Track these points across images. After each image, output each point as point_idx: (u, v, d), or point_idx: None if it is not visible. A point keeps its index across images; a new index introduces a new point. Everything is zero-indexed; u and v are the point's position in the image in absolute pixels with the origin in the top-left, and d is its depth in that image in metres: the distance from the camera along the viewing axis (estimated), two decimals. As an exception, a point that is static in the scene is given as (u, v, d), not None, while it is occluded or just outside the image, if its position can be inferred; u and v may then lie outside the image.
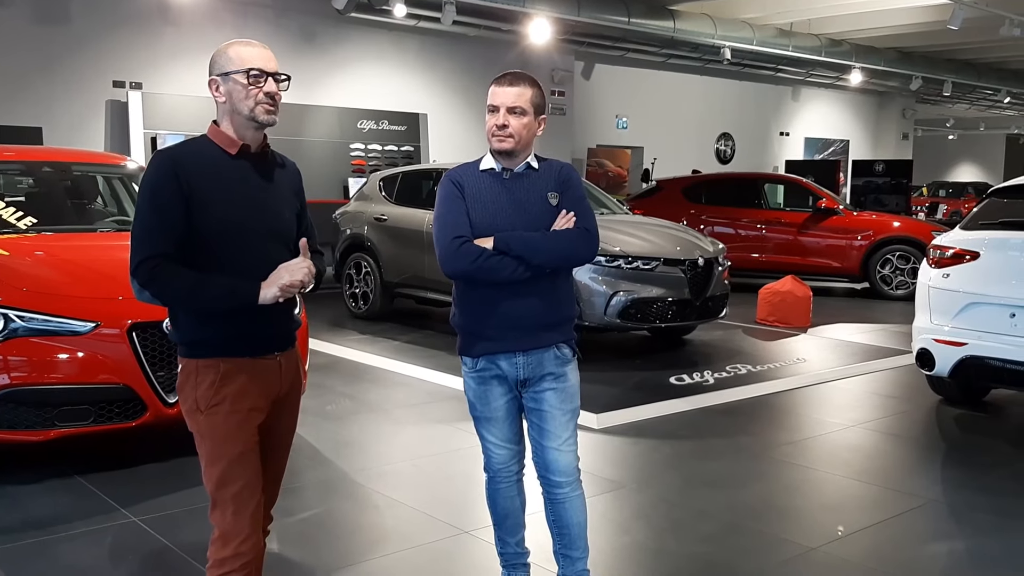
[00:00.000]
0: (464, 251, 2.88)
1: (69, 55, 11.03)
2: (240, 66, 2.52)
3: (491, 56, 14.43)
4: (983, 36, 15.30)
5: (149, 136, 11.22)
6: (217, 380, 2.52)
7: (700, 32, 14.59)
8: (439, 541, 3.92)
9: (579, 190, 3.06)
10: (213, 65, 2.58)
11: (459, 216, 2.92)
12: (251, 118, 2.55)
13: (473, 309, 2.99)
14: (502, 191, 2.99)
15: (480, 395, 3.06)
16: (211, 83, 2.58)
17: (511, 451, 3.13)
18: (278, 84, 2.59)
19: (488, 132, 2.99)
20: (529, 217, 2.96)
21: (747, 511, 4.34)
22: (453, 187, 2.98)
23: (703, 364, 7.49)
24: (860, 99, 23.27)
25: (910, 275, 11.63)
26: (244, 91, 2.52)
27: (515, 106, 2.94)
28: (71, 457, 4.76)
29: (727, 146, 20.24)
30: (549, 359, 3.02)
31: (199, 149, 2.56)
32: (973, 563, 3.86)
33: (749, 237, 12.58)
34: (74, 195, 6.26)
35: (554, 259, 2.97)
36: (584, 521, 3.13)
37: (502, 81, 2.98)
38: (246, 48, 2.57)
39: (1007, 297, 5.47)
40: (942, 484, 4.94)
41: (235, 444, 2.52)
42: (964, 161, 37.99)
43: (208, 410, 2.51)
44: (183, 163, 2.49)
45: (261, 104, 2.54)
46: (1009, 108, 24.70)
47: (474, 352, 3.01)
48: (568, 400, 3.06)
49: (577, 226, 2.97)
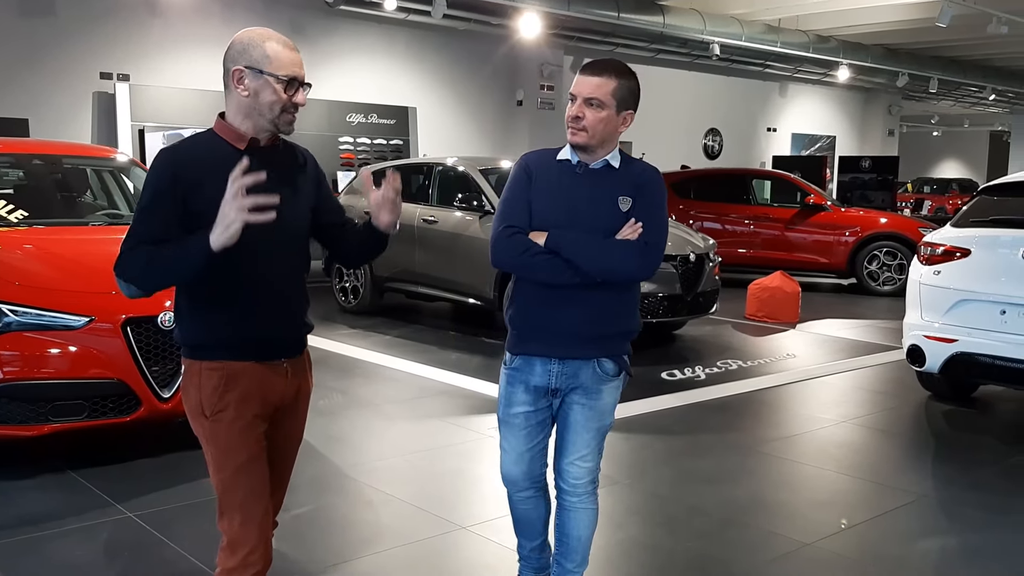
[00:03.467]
0: (513, 242, 2.73)
1: (56, 46, 10.95)
2: (278, 70, 2.37)
3: (481, 50, 14.43)
4: (969, 33, 15.38)
5: (136, 128, 11.15)
6: (221, 385, 2.42)
7: (689, 27, 14.61)
8: (435, 537, 3.92)
9: (657, 198, 2.82)
10: (241, 54, 2.38)
11: (519, 204, 2.76)
12: (273, 123, 2.43)
13: (521, 305, 2.85)
14: (571, 185, 2.79)
15: (506, 395, 2.92)
16: (234, 73, 2.38)
17: (520, 468, 2.95)
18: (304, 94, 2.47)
19: (566, 122, 2.79)
20: (593, 218, 2.75)
21: (740, 506, 4.36)
22: (522, 173, 2.81)
23: (694, 360, 7.52)
24: (847, 95, 23.37)
25: (897, 271, 11.72)
26: (275, 96, 2.38)
27: (593, 97, 2.71)
28: (64, 452, 4.74)
29: (715, 142, 20.29)
30: (586, 373, 2.85)
31: (204, 146, 2.43)
32: (964, 559, 3.89)
33: (737, 233, 12.62)
34: (64, 188, 6.22)
35: (602, 271, 2.75)
36: (588, 536, 3.03)
37: (587, 69, 2.76)
38: (285, 51, 2.40)
39: (997, 294, 5.51)
40: (932, 480, 4.99)
41: (240, 452, 2.44)
42: (948, 157, 38.26)
43: (213, 416, 2.43)
44: (184, 163, 2.37)
45: (288, 113, 2.42)
46: (994, 105, 24.86)
47: (513, 348, 2.89)
48: (595, 419, 2.91)
49: (641, 239, 2.73)
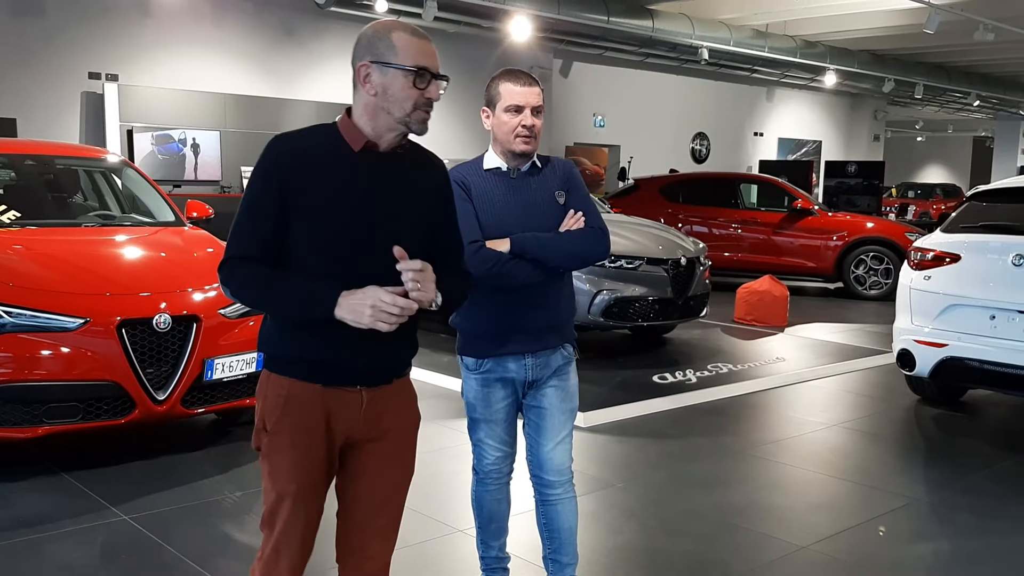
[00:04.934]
0: (482, 256, 2.80)
1: (44, 46, 10.88)
2: (407, 61, 2.15)
3: (471, 53, 14.42)
4: (955, 40, 15.50)
5: (125, 128, 11.08)
6: (280, 405, 2.22)
7: (678, 32, 14.67)
8: (432, 540, 3.93)
9: (584, 188, 3.05)
10: (366, 47, 2.18)
11: (470, 219, 2.82)
12: (404, 123, 2.19)
13: (481, 311, 2.91)
14: (509, 191, 2.93)
15: (482, 397, 3.01)
16: (360, 69, 2.18)
17: (505, 452, 3.10)
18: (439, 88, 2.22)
19: (508, 133, 2.88)
20: (538, 217, 2.92)
21: (735, 510, 4.38)
22: (459, 189, 2.85)
23: (684, 363, 7.55)
24: (833, 101, 23.51)
25: (883, 275, 11.80)
26: (405, 92, 2.15)
27: (539, 106, 2.89)
28: (58, 454, 4.71)
29: (702, 146, 20.37)
30: (556, 359, 3.01)
31: (320, 140, 2.22)
32: (959, 563, 3.93)
33: (725, 236, 12.69)
34: (56, 189, 6.18)
35: (570, 260, 2.97)
36: (575, 526, 3.10)
37: (520, 79, 2.89)
38: (415, 40, 2.18)
39: (987, 299, 5.56)
40: (924, 484, 5.03)
41: (289, 481, 2.23)
42: (932, 163, 38.53)
43: (271, 434, 2.24)
44: (292, 155, 2.18)
45: (420, 110, 2.19)
46: (977, 111, 25.07)
47: (481, 353, 2.96)
48: (568, 399, 3.06)
49: (588, 225, 2.94)
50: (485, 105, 2.95)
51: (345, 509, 2.36)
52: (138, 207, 6.25)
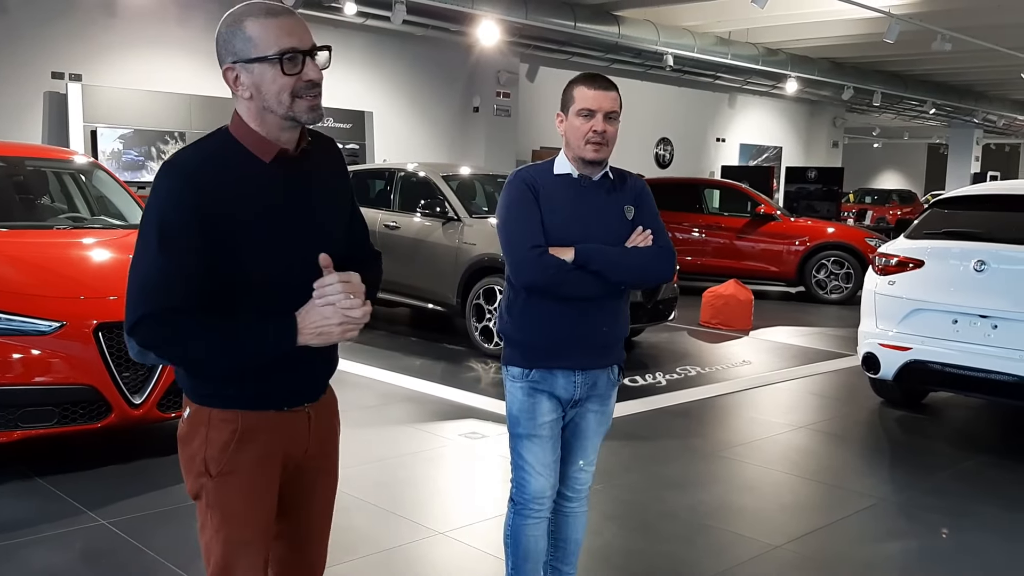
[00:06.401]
0: (544, 262, 2.68)
1: (6, 45, 10.71)
2: (269, 49, 1.87)
3: (438, 56, 14.45)
4: (913, 49, 15.80)
5: (89, 129, 10.95)
6: (233, 441, 1.98)
7: (643, 38, 14.80)
8: (412, 543, 3.96)
9: (654, 205, 2.92)
10: (226, 48, 1.91)
11: (534, 223, 2.72)
12: (290, 117, 1.93)
13: (535, 320, 2.81)
14: (578, 199, 2.80)
15: (527, 408, 2.84)
16: (227, 73, 1.92)
17: (548, 480, 2.89)
18: (317, 63, 1.93)
19: (579, 138, 2.75)
20: (603, 230, 2.79)
21: (708, 511, 4.46)
22: (527, 190, 2.76)
23: (653, 366, 7.65)
24: (793, 107, 23.83)
25: (844, 280, 12.03)
26: (278, 83, 1.89)
27: (613, 111, 2.77)
28: (31, 459, 4.67)
29: (666, 151, 20.56)
30: (603, 381, 2.92)
31: (223, 157, 1.93)
32: (928, 560, 4.04)
33: (689, 241, 12.85)
34: (25, 191, 6.11)
35: (633, 277, 2.87)
36: (582, 539, 3.10)
37: (596, 83, 2.78)
38: (271, 22, 1.88)
39: (950, 304, 5.71)
40: (890, 484, 5.15)
41: (246, 526, 2.02)
42: (888, 169, 39.25)
43: (219, 477, 1.99)
44: (203, 184, 1.88)
45: (302, 97, 1.91)
46: (933, 119, 25.55)
47: (529, 363, 2.83)
48: (604, 423, 2.99)
49: (655, 244, 2.82)
50: (560, 109, 2.85)
51: (291, 529, 2.17)
52: (108, 209, 6.20)
